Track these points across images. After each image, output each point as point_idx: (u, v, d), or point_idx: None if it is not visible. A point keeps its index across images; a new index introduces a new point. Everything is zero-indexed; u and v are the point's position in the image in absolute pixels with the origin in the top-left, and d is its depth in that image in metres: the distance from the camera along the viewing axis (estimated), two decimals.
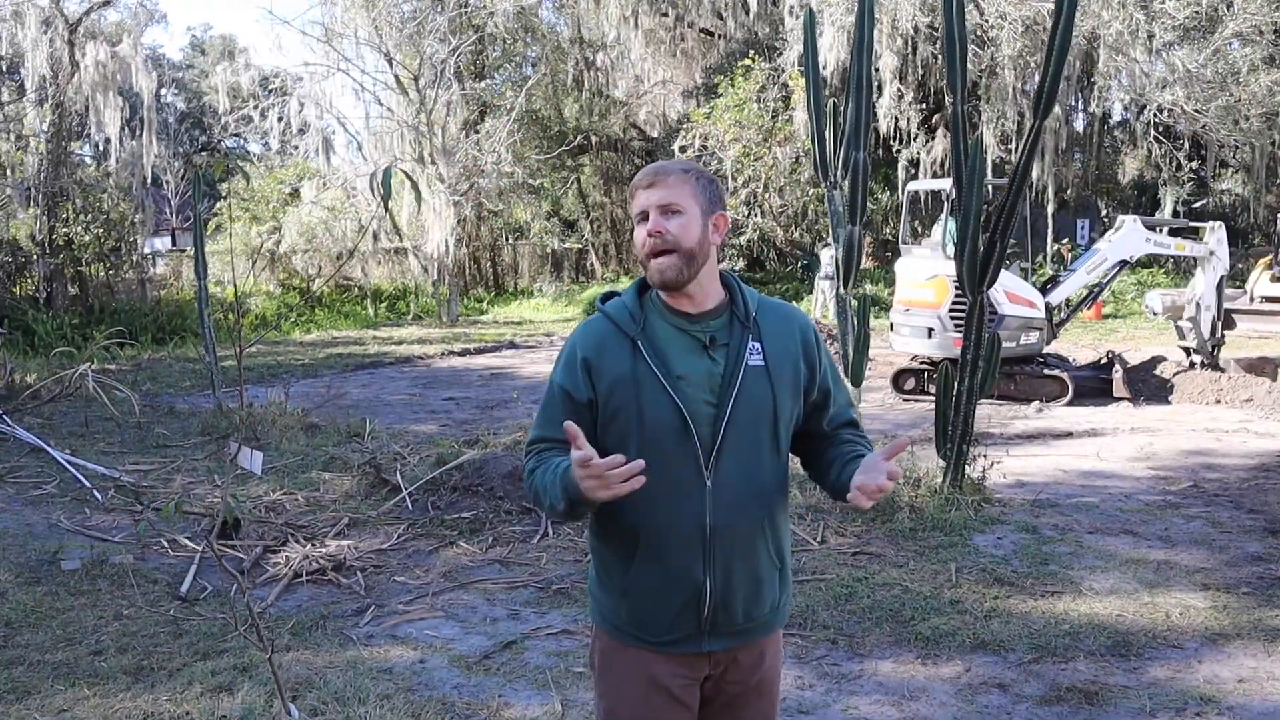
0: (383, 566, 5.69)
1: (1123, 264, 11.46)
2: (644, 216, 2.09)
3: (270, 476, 7.63)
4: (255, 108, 23.32)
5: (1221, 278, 11.46)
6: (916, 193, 13.39)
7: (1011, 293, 10.79)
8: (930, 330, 10.80)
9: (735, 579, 2.12)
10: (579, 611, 4.91)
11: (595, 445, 2.00)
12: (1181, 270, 23.35)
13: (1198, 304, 11.30)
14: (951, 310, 10.41)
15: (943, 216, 11.83)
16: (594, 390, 2.11)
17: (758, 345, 2.12)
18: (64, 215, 19.11)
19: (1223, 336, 11.72)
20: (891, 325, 11.53)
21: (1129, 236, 11.12)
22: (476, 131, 23.72)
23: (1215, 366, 11.43)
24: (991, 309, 10.47)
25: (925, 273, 10.97)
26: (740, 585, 2.13)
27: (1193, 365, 11.41)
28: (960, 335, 10.61)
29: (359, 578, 5.46)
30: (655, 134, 27.79)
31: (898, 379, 11.61)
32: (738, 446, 2.09)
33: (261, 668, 4.04)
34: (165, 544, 5.99)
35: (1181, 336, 11.66)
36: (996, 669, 4.19)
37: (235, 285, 8.40)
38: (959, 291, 10.12)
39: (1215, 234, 11.41)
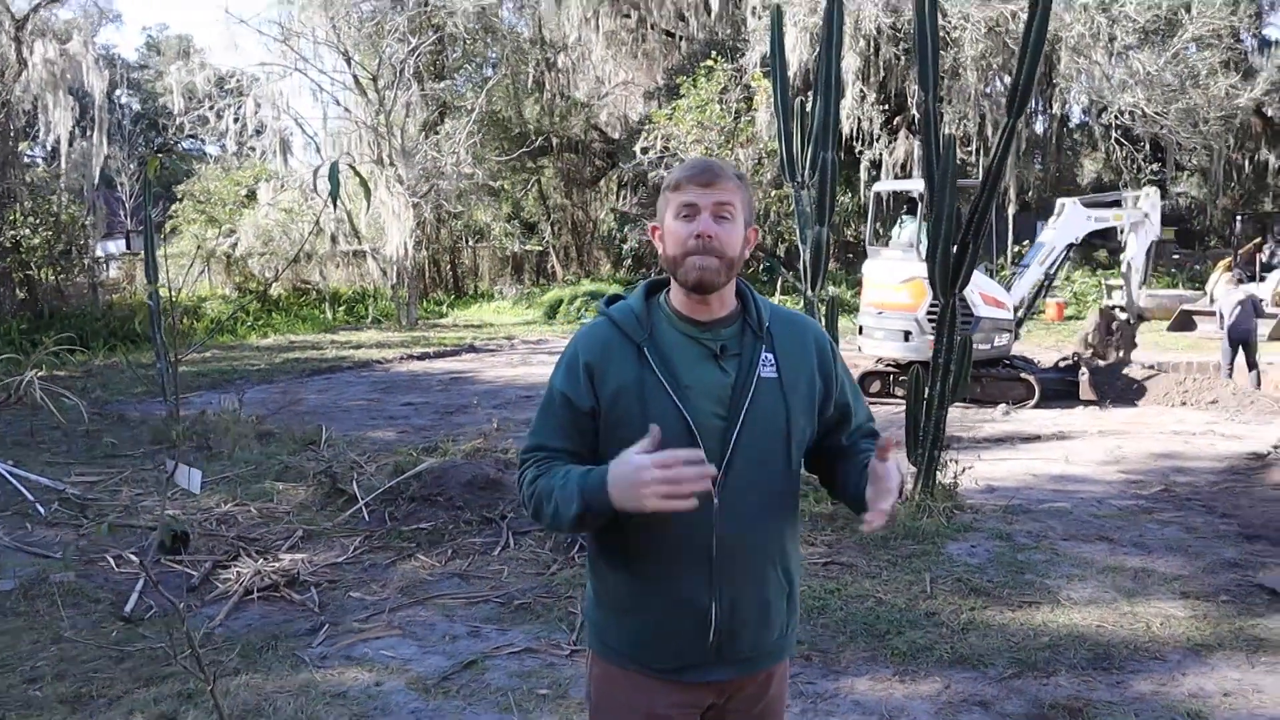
0: (338, 581, 5.45)
1: (1070, 247, 11.66)
2: (690, 212, 1.95)
3: (222, 487, 7.36)
4: (211, 108, 22.85)
5: (1153, 242, 11.83)
6: (880, 194, 13.31)
7: (986, 294, 10.75)
8: (907, 334, 10.71)
9: (742, 603, 2.00)
10: (541, 628, 4.72)
11: (595, 455, 1.94)
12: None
13: (1129, 264, 11.76)
14: (929, 313, 10.33)
15: (904, 217, 11.78)
16: (596, 398, 1.99)
17: (770, 357, 2.01)
18: (12, 217, 18.59)
19: (1140, 315, 12.32)
20: (860, 328, 11.40)
21: (1072, 218, 11.27)
22: (436, 133, 23.42)
23: (1140, 318, 12.16)
24: (968, 311, 10.42)
25: (900, 275, 10.87)
26: (748, 610, 2.01)
27: (1129, 322, 11.77)
28: None
29: (313, 594, 5.22)
30: (617, 135, 27.64)
31: (863, 382, 11.50)
32: (747, 462, 1.96)
33: (208, 695, 3.81)
34: (110, 560, 5.72)
35: (1107, 295, 12.13)
36: (977, 685, 4.05)
37: (171, 286, 8.08)
38: None
39: (1149, 199, 11.63)
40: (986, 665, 4.23)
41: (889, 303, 10.93)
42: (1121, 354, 11.43)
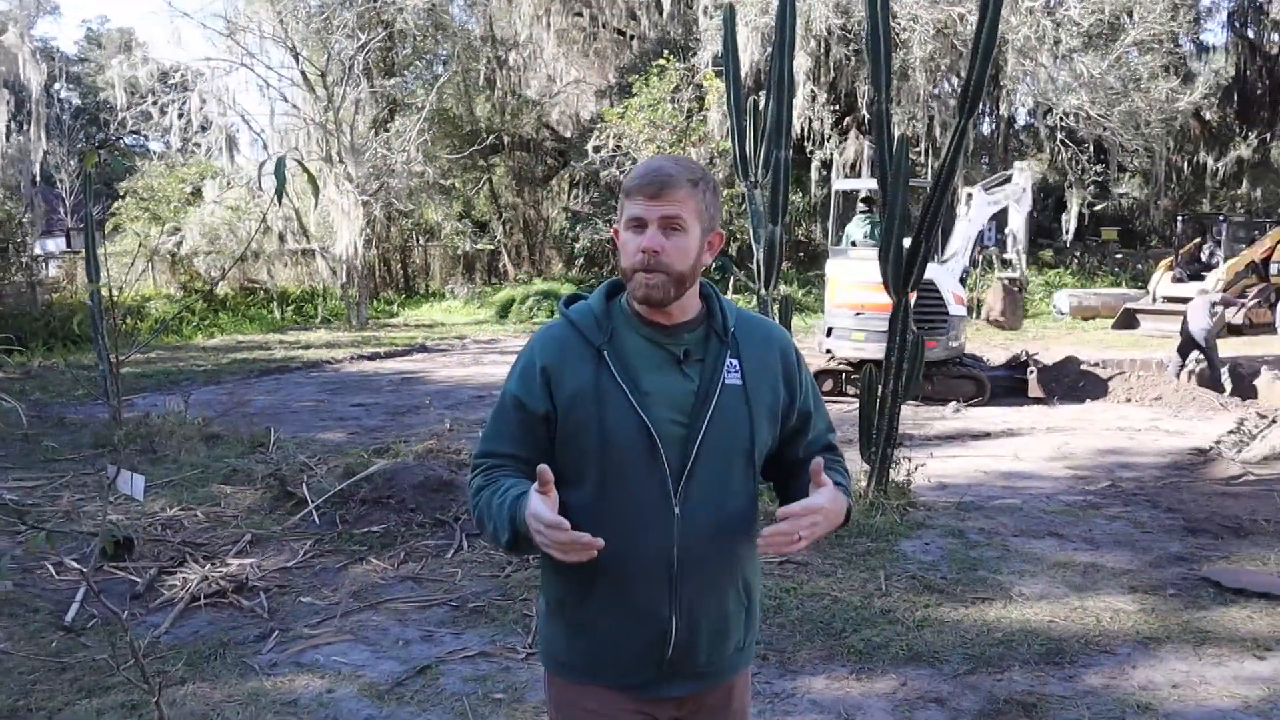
0: (287, 586, 5.36)
1: (980, 233, 12.07)
2: (639, 225, 1.87)
3: (167, 491, 7.20)
4: (154, 103, 22.38)
5: (1030, 212, 12.60)
6: (840, 192, 13.39)
7: (956, 294, 10.88)
8: None
9: (701, 618, 1.93)
10: (496, 631, 4.67)
11: (551, 463, 1.82)
12: (1086, 271, 24.01)
13: (1013, 235, 12.34)
14: (917, 313, 10.44)
15: (859, 217, 11.85)
16: (551, 402, 1.91)
17: (735, 363, 1.95)
18: None
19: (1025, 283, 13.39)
20: (830, 330, 11.24)
21: (979, 203, 11.50)
22: (386, 130, 23.17)
23: (1023, 288, 13.10)
24: (944, 312, 10.55)
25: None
26: (706, 625, 1.95)
27: (1019, 288, 12.63)
28: (931, 338, 10.69)
29: (262, 599, 5.12)
30: (569, 134, 27.55)
31: (815, 380, 11.55)
32: (709, 472, 1.90)
33: (153, 706, 3.71)
34: (50, 568, 5.57)
35: (1005, 266, 12.81)
36: (932, 682, 4.07)
37: (113, 285, 7.90)
38: (927, 293, 10.24)
39: (1024, 174, 12.11)
40: (941, 662, 4.25)
41: (872, 303, 10.72)
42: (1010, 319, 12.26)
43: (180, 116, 22.21)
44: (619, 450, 1.86)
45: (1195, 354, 11.80)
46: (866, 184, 12.68)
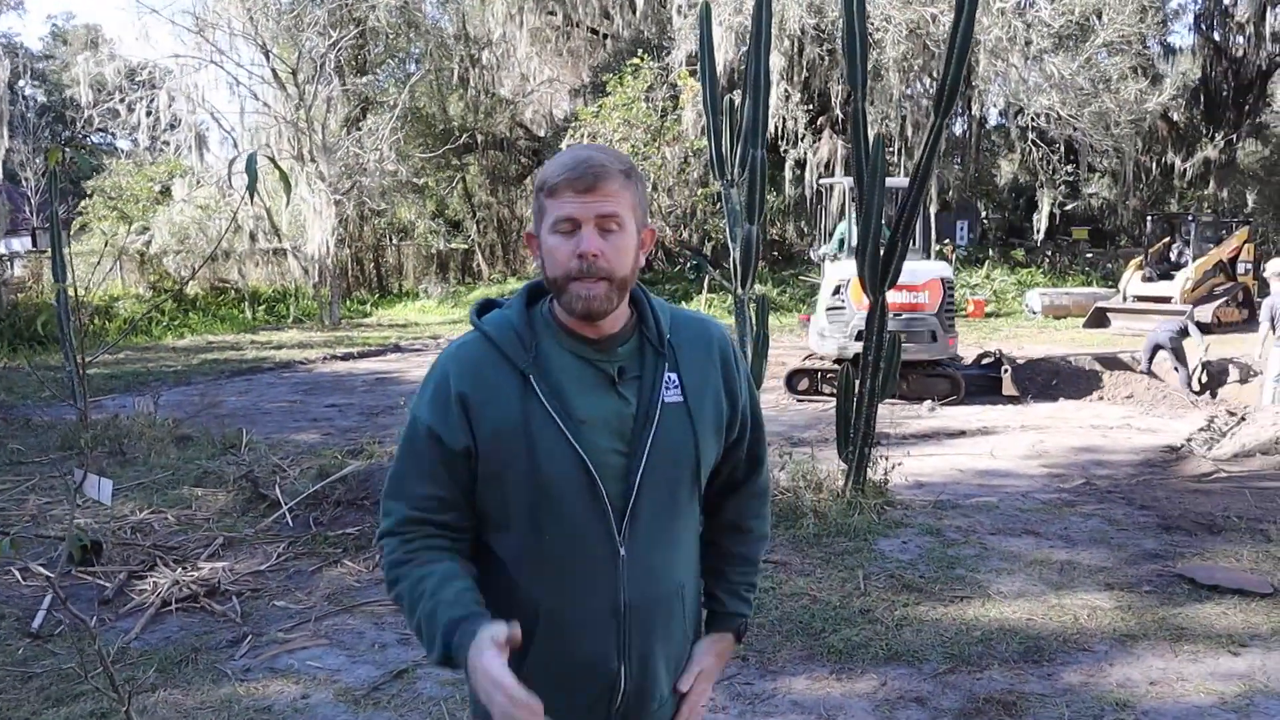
0: (261, 590, 5.28)
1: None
2: (572, 226, 1.62)
3: (137, 494, 7.10)
4: (122, 101, 22.10)
5: None
6: (828, 191, 13.43)
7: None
8: (933, 334, 10.72)
9: (653, 664, 1.75)
10: None
11: (470, 506, 1.67)
12: (1058, 270, 24.20)
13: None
14: (945, 311, 10.52)
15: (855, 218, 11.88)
16: (472, 436, 1.65)
17: (674, 377, 1.71)
18: None
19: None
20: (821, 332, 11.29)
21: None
22: (358, 128, 23.02)
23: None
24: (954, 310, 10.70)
25: (919, 276, 10.89)
26: (658, 667, 1.76)
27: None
28: (953, 335, 10.75)
29: (234, 603, 5.05)
30: (542, 133, 27.46)
31: (791, 379, 11.58)
32: (654, 504, 1.69)
33: (123, 715, 3.64)
34: (16, 573, 5.47)
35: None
36: (912, 681, 4.07)
37: (80, 285, 7.78)
38: (949, 292, 10.31)
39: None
40: (921, 661, 4.25)
41: (899, 304, 10.73)
42: None
43: (149, 114, 21.96)
44: (554, 489, 1.63)
45: (1163, 354, 11.87)
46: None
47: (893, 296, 10.84)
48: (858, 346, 10.78)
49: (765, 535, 1.98)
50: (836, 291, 10.97)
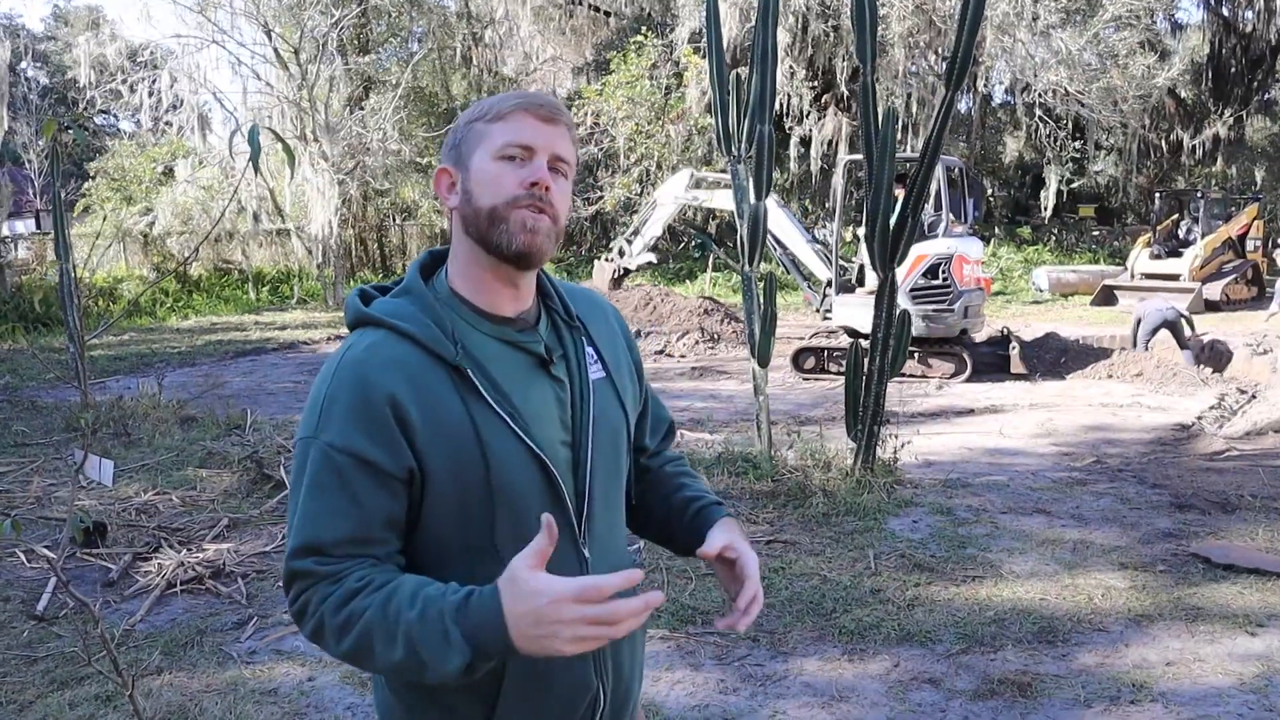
0: (266, 571, 5.24)
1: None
2: (524, 154, 1.41)
3: (142, 475, 7.06)
4: (124, 82, 21.96)
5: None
6: (846, 168, 13.25)
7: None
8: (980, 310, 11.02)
9: (627, 671, 1.58)
10: None
11: (408, 541, 1.40)
12: (1064, 248, 24.07)
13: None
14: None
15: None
16: (415, 455, 1.36)
17: (593, 351, 1.54)
18: None
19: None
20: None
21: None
22: (361, 108, 22.88)
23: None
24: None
25: (975, 254, 10.98)
26: (631, 676, 1.60)
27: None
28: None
29: (240, 585, 5.01)
30: None
31: (798, 358, 11.51)
32: (604, 496, 1.51)
33: (127, 698, 3.60)
34: (20, 555, 5.43)
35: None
36: (925, 662, 4.02)
37: (83, 266, 7.74)
38: None
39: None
40: (934, 641, 4.20)
41: (977, 279, 10.97)
42: None
43: (151, 95, 21.79)
44: (513, 497, 1.39)
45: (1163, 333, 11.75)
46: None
47: (970, 271, 10.88)
48: (965, 322, 10.78)
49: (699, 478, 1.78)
50: (931, 272, 10.72)
